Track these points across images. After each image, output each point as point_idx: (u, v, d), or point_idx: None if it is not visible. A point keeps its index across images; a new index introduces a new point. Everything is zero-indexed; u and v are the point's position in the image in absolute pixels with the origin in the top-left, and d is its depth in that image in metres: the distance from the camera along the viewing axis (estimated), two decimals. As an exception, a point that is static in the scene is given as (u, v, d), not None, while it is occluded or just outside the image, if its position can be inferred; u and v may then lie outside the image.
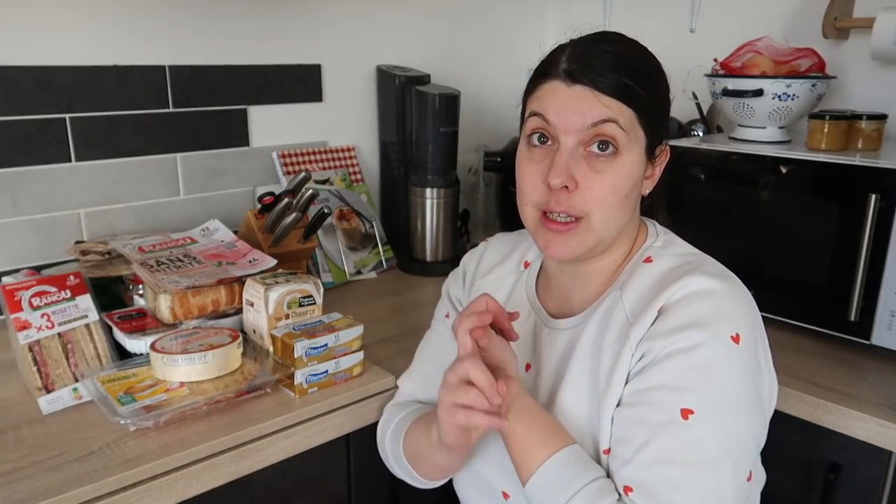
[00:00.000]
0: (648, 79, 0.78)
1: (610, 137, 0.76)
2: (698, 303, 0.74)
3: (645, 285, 0.80)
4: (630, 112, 0.76)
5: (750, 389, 0.75)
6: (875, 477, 1.02)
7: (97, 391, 0.95)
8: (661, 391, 0.73)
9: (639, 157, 0.78)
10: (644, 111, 0.77)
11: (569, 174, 0.76)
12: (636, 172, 0.79)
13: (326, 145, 1.67)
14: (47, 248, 1.32)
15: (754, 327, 0.77)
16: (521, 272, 0.96)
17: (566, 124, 0.76)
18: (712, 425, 0.71)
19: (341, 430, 1.02)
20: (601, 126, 0.75)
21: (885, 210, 1.09)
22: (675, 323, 0.74)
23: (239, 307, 1.11)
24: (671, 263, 0.81)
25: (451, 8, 1.84)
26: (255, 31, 1.51)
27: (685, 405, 0.71)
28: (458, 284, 1.03)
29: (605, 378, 0.78)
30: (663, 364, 0.73)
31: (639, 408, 0.74)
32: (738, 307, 0.75)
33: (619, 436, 0.75)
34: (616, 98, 0.75)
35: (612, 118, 0.75)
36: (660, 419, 0.72)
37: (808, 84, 1.30)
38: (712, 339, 0.72)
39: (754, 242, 1.27)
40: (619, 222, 0.80)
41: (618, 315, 0.80)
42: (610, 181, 0.76)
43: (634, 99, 0.76)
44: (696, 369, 0.72)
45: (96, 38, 1.32)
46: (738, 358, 0.73)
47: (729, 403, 0.72)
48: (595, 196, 0.77)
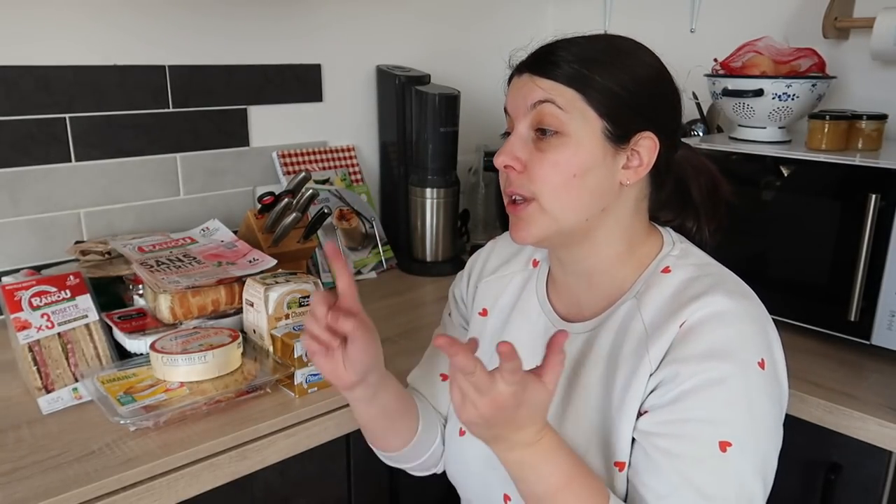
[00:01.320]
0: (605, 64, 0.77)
1: (548, 116, 0.77)
2: (722, 327, 0.74)
3: (663, 297, 0.79)
4: (571, 92, 0.76)
5: (777, 412, 0.76)
6: (875, 477, 1.02)
7: (97, 391, 0.95)
8: (696, 424, 0.72)
9: (591, 139, 0.77)
10: (594, 93, 0.76)
11: (512, 155, 0.79)
12: (587, 155, 0.77)
13: (326, 145, 1.67)
14: (47, 248, 1.32)
15: (773, 345, 0.77)
16: (531, 271, 0.95)
17: (514, 111, 0.80)
18: (748, 455, 0.72)
19: (341, 430, 1.02)
20: (539, 107, 0.77)
21: (885, 210, 1.09)
22: (702, 348, 0.73)
23: (239, 307, 1.11)
24: (690, 274, 0.80)
25: (451, 8, 1.84)
26: (255, 31, 1.51)
27: (722, 437, 0.71)
28: (462, 284, 1.03)
29: (620, 390, 0.78)
30: (696, 395, 0.72)
31: (673, 440, 0.73)
32: (759, 329, 0.76)
33: (650, 467, 0.74)
34: (552, 79, 0.77)
35: (548, 98, 0.76)
36: (698, 453, 0.72)
37: (809, 84, 1.30)
38: (742, 368, 0.72)
39: (754, 242, 1.27)
40: (574, 204, 0.79)
41: (635, 326, 0.79)
42: (551, 159, 0.77)
43: (576, 79, 0.76)
44: (731, 402, 0.72)
45: (96, 38, 1.32)
46: (765, 384, 0.74)
47: (761, 430, 0.73)
48: (538, 175, 0.78)
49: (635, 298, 0.81)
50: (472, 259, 1.04)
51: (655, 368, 0.75)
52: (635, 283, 0.83)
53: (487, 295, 0.97)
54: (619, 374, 0.78)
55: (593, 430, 0.80)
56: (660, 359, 0.75)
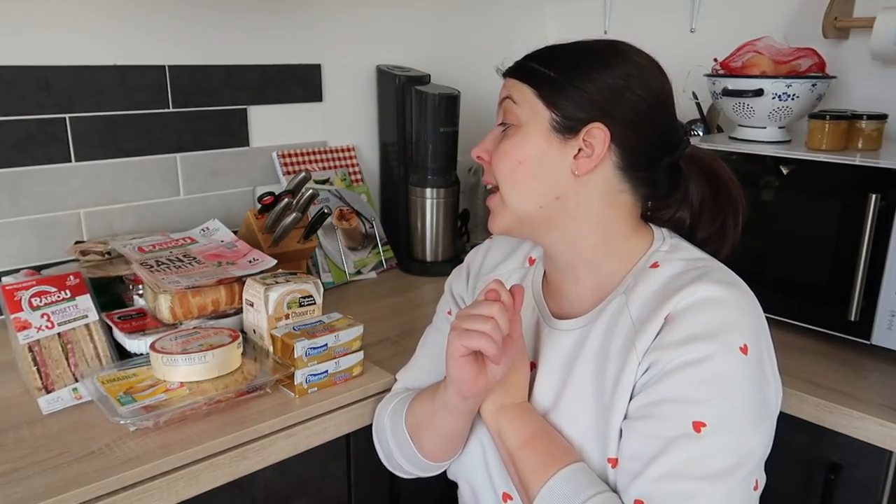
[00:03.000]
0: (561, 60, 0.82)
1: (507, 111, 0.84)
2: (704, 312, 0.74)
3: (650, 291, 0.79)
4: (525, 87, 0.82)
5: (758, 399, 0.75)
6: (875, 477, 1.02)
7: (97, 391, 0.95)
8: (671, 404, 0.73)
9: (538, 129, 0.81)
10: (544, 86, 0.81)
11: (483, 147, 0.87)
12: (533, 144, 0.81)
13: (326, 145, 1.67)
14: (47, 248, 1.32)
15: (761, 335, 0.77)
16: (527, 268, 0.96)
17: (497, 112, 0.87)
18: (723, 437, 0.71)
19: (341, 430, 1.02)
20: (503, 104, 0.85)
21: (885, 210, 1.09)
22: (683, 334, 0.74)
23: (239, 307, 1.11)
24: (678, 268, 0.80)
25: (451, 8, 1.84)
26: (254, 31, 1.51)
27: (697, 418, 0.71)
28: (461, 281, 1.03)
29: (610, 386, 0.78)
30: (673, 376, 0.73)
31: (649, 421, 0.74)
32: (744, 316, 0.75)
33: (628, 449, 0.75)
34: (514, 77, 0.84)
35: (508, 95, 0.84)
36: (671, 432, 0.72)
37: (808, 84, 1.30)
38: (721, 351, 0.72)
39: (754, 242, 1.26)
40: (522, 192, 0.83)
41: (624, 321, 0.80)
42: (502, 148, 0.83)
43: (530, 75, 0.82)
44: (706, 382, 0.72)
45: (96, 38, 1.32)
46: (747, 369, 0.73)
47: (739, 415, 0.73)
48: (494, 163, 0.84)
49: (624, 294, 0.82)
50: (470, 255, 1.04)
51: (641, 359, 0.76)
52: (624, 279, 0.84)
53: None
54: (609, 369, 0.79)
55: (587, 426, 0.80)
56: (645, 350, 0.76)
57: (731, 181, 0.87)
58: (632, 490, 0.73)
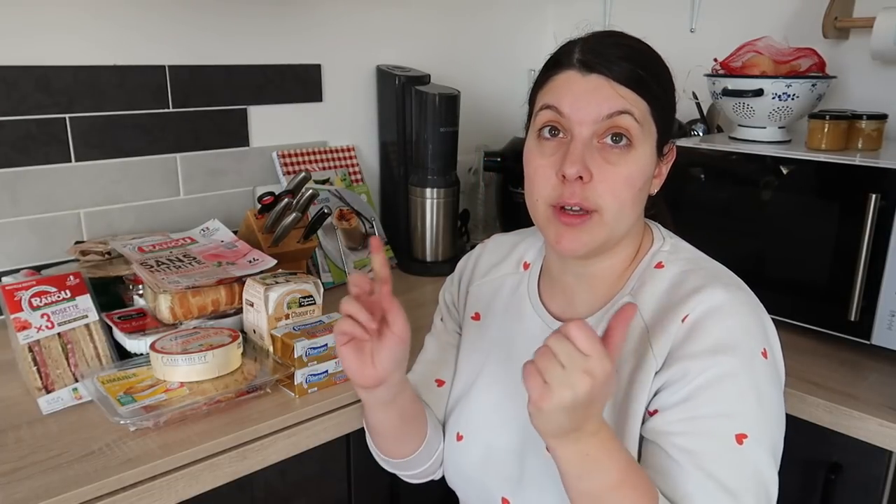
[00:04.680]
0: (660, 74, 0.78)
1: (624, 129, 0.74)
2: (725, 320, 0.75)
3: (659, 292, 0.80)
4: (644, 104, 0.75)
5: (780, 397, 0.77)
6: (875, 477, 1.02)
7: (97, 391, 0.95)
8: (710, 420, 0.73)
9: (651, 151, 0.78)
10: (657, 104, 0.77)
11: (584, 164, 0.74)
12: (649, 167, 0.78)
13: (326, 145, 1.67)
14: (47, 248, 1.32)
15: (770, 335, 0.78)
16: (521, 273, 0.94)
17: (581, 115, 0.75)
18: (763, 444, 0.73)
19: (341, 430, 1.02)
20: (616, 118, 0.74)
21: (885, 210, 1.09)
22: (708, 343, 0.74)
23: (239, 307, 1.11)
24: (682, 268, 0.81)
25: (451, 8, 1.84)
26: (254, 31, 1.51)
27: (738, 430, 0.72)
28: (453, 289, 1.02)
29: (624, 387, 0.77)
30: (707, 391, 0.73)
31: (691, 438, 0.73)
32: (757, 319, 0.77)
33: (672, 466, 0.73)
34: (631, 88, 0.74)
35: (628, 109, 0.74)
36: (716, 448, 0.72)
37: (808, 84, 1.30)
38: (749, 360, 0.73)
39: (754, 242, 1.27)
40: (630, 218, 0.79)
41: (635, 323, 0.79)
42: (624, 173, 0.75)
43: (648, 91, 0.75)
44: (741, 394, 0.73)
45: (96, 38, 1.32)
46: (770, 372, 0.75)
47: (771, 418, 0.75)
48: (609, 188, 0.75)
49: (631, 295, 0.81)
50: (461, 263, 1.03)
51: (661, 366, 0.75)
52: (629, 280, 0.83)
53: (479, 299, 0.96)
54: (621, 371, 0.78)
55: None
56: (664, 355, 0.76)
57: None
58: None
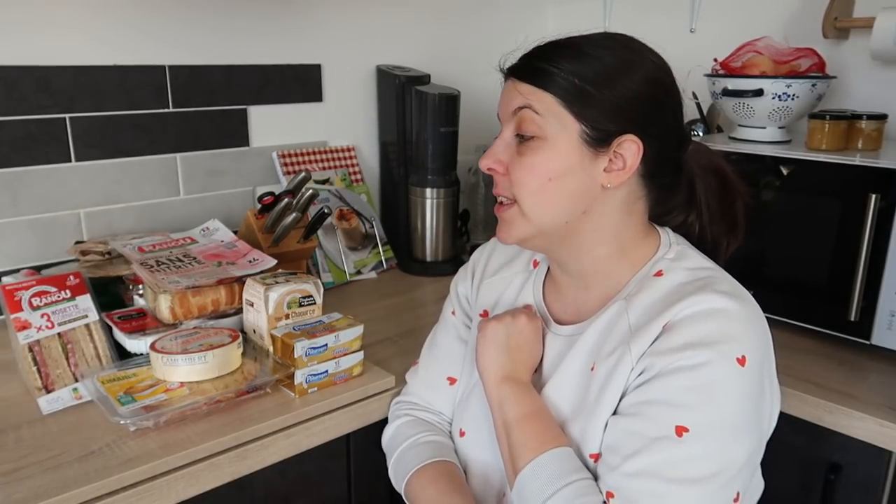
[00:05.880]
0: (583, 67, 0.76)
1: (527, 121, 0.78)
2: (705, 322, 0.73)
3: (652, 300, 0.79)
4: (548, 97, 0.77)
5: (750, 411, 0.74)
6: (875, 477, 1.02)
7: (97, 391, 0.95)
8: (658, 406, 0.72)
9: (568, 143, 0.77)
10: (570, 97, 0.76)
11: (494, 158, 0.82)
12: (563, 158, 0.77)
13: (326, 145, 1.67)
14: (47, 248, 1.32)
15: (762, 349, 0.75)
16: (530, 272, 0.95)
17: (502, 115, 0.83)
18: (706, 445, 0.70)
19: (341, 430, 1.02)
20: (520, 113, 0.79)
21: (885, 210, 1.09)
22: (681, 341, 0.73)
23: (239, 307, 1.11)
24: (682, 278, 0.79)
25: (451, 8, 1.84)
26: (254, 31, 1.51)
27: (680, 422, 0.71)
28: (466, 281, 1.02)
29: (599, 384, 0.78)
30: (664, 379, 0.73)
31: (634, 419, 0.74)
32: (747, 328, 0.74)
33: (610, 443, 0.75)
34: (530, 83, 0.78)
35: (526, 104, 0.78)
36: (653, 433, 0.71)
37: (808, 84, 1.30)
38: (717, 358, 0.71)
39: (754, 242, 1.26)
40: (551, 208, 0.79)
41: (621, 325, 0.79)
42: (528, 163, 0.79)
43: (551, 82, 0.77)
44: (696, 388, 0.71)
45: (96, 39, 1.32)
46: (742, 380, 0.72)
47: (726, 425, 0.71)
48: (517, 178, 0.80)
49: (624, 300, 0.81)
50: (475, 256, 1.03)
51: (635, 364, 0.76)
52: (628, 285, 0.83)
53: (489, 296, 0.97)
54: (598, 369, 0.79)
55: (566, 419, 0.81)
56: (640, 355, 0.75)
57: (733, 171, 0.88)
58: (606, 481, 0.73)
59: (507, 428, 0.82)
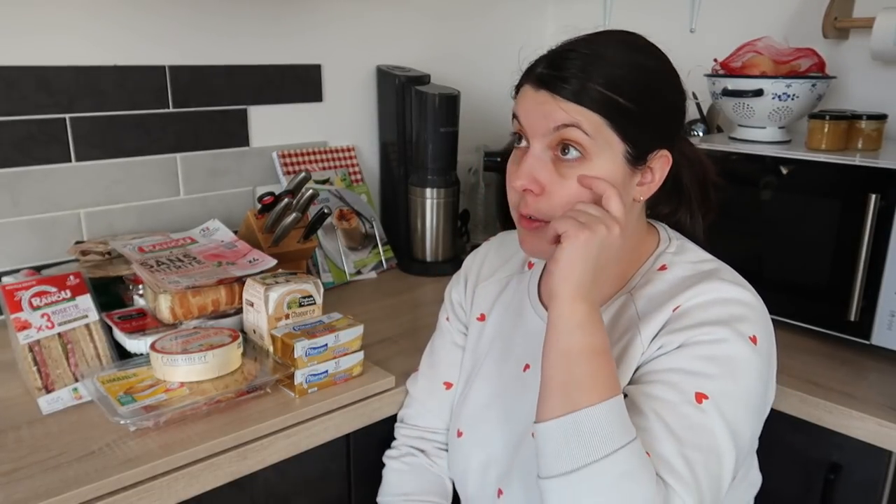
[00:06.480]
0: (628, 84, 0.75)
1: (573, 142, 0.74)
2: (716, 306, 0.75)
3: (658, 290, 0.80)
4: (597, 117, 0.74)
5: (761, 392, 0.76)
6: (875, 477, 1.02)
7: (97, 391, 0.95)
8: (678, 373, 0.73)
9: (613, 163, 0.75)
10: (617, 117, 0.74)
11: (532, 178, 0.76)
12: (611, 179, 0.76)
13: (326, 145, 1.67)
14: (47, 248, 1.32)
15: (769, 337, 0.78)
16: (526, 272, 0.95)
17: (532, 128, 0.77)
18: (723, 415, 0.71)
19: (341, 430, 1.02)
20: (563, 130, 0.74)
21: (885, 210, 1.09)
22: (696, 320, 0.75)
23: (239, 307, 1.11)
24: (686, 272, 0.81)
25: (451, 8, 1.84)
26: (255, 31, 1.51)
27: (700, 390, 0.71)
28: (459, 288, 1.02)
29: None
30: (684, 350, 0.74)
31: (653, 386, 0.73)
32: (755, 314, 0.77)
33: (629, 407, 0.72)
34: (578, 104, 0.74)
35: (574, 123, 0.74)
36: (673, 398, 0.72)
37: (808, 84, 1.30)
38: (734, 336, 0.73)
39: (754, 242, 1.26)
40: None
41: (628, 315, 0.80)
42: (575, 187, 0.75)
43: (601, 104, 0.74)
44: (716, 360, 0.72)
45: (96, 38, 1.32)
46: (756, 359, 0.74)
47: (742, 399, 0.73)
48: (560, 201, 0.76)
49: (629, 293, 0.82)
50: (467, 262, 1.03)
51: (647, 346, 0.76)
52: (631, 280, 0.84)
53: (485, 299, 0.97)
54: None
55: None
56: (651, 337, 0.76)
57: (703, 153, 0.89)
58: None
59: (569, 356, 0.71)
